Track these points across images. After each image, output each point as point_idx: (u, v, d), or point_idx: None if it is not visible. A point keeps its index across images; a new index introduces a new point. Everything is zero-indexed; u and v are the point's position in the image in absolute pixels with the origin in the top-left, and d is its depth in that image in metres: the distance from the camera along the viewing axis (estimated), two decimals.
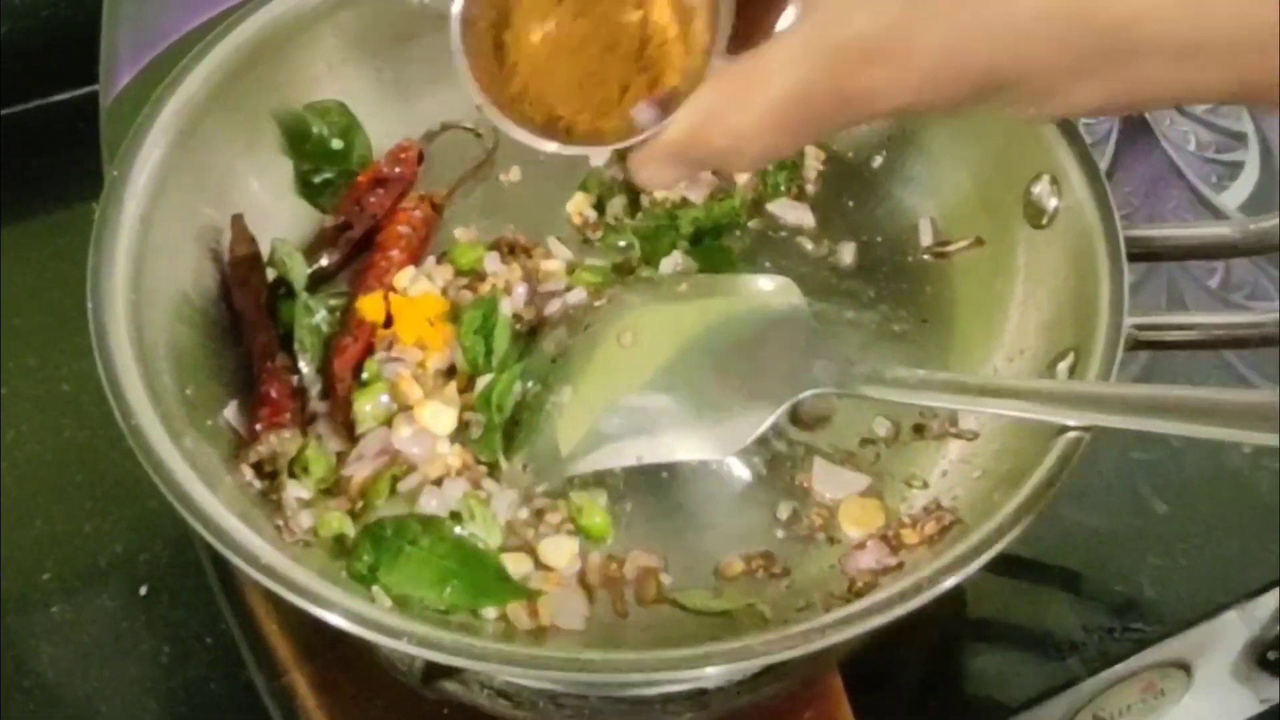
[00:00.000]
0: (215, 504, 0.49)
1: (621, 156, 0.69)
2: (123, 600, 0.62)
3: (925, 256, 0.66)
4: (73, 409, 0.68)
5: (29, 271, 0.74)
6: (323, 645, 0.58)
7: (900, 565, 0.53)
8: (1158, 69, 0.34)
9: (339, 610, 0.47)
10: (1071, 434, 0.51)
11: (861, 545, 0.55)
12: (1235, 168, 0.82)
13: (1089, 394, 0.52)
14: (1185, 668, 0.67)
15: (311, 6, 0.65)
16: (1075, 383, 0.54)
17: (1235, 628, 0.66)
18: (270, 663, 0.59)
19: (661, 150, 0.44)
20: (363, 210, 0.64)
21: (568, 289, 0.62)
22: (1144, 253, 0.60)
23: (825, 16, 0.36)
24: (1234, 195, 0.81)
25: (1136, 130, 0.84)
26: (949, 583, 0.47)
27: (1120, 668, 0.62)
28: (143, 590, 0.62)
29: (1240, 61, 0.33)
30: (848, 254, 0.67)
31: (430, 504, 0.54)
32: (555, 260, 0.64)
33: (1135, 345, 0.57)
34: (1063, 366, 0.56)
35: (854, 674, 0.59)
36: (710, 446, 0.55)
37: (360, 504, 0.55)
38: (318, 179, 0.66)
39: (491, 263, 0.63)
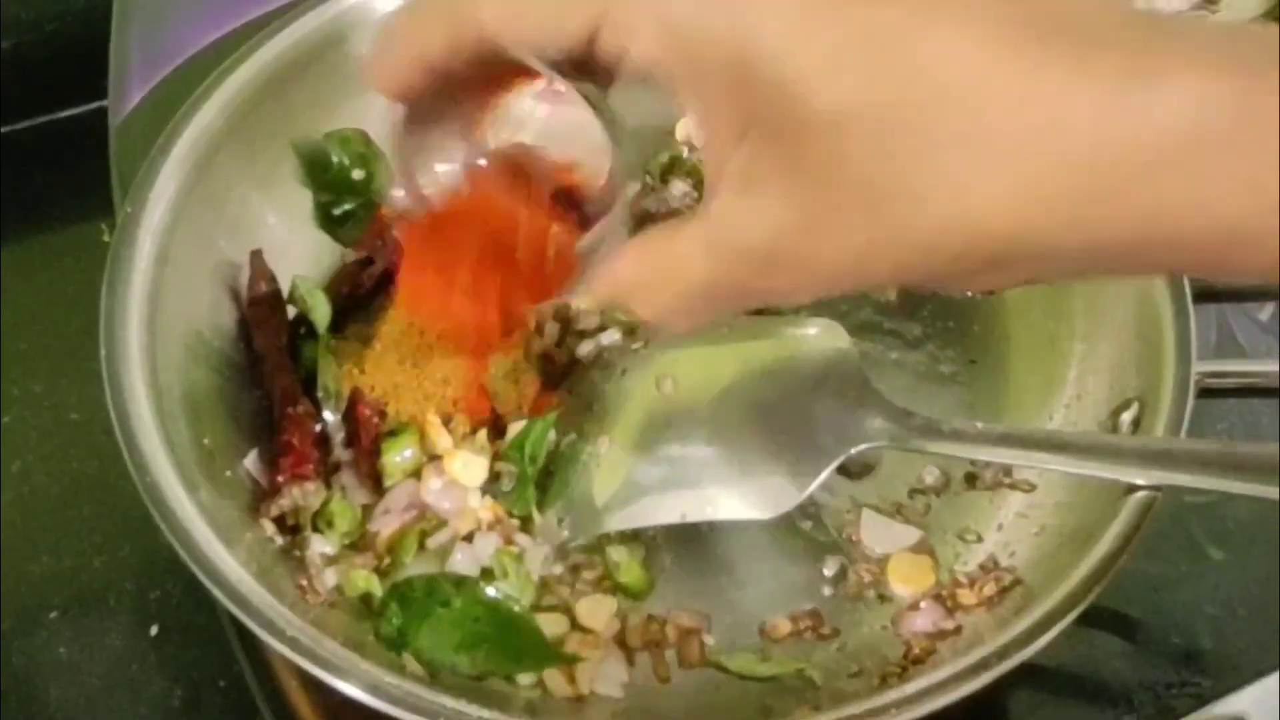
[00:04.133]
0: (234, 566, 0.47)
1: (662, 177, 0.67)
2: (132, 640, 0.60)
3: (973, 293, 0.64)
4: (81, 438, 0.65)
5: (34, 293, 0.72)
6: (345, 702, 0.56)
7: (958, 629, 0.51)
8: (1061, 264, 0.33)
9: (367, 686, 0.45)
10: (1141, 493, 0.48)
11: (915, 606, 0.53)
12: None
13: (1160, 451, 0.49)
14: None
15: (328, 31, 0.63)
16: (1144, 439, 0.51)
17: None
18: (288, 717, 0.56)
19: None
20: (385, 244, 0.62)
21: (601, 329, 0.60)
22: (1204, 293, 0.58)
23: (721, 220, 0.36)
24: None
25: None
26: (1018, 658, 0.45)
27: None
28: (153, 630, 0.60)
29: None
30: (891, 289, 0.64)
31: (462, 563, 0.52)
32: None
33: (1199, 393, 0.54)
34: (1127, 417, 0.53)
35: None
36: (756, 506, 0.52)
37: (387, 560, 0.53)
38: (338, 211, 0.64)
39: None
